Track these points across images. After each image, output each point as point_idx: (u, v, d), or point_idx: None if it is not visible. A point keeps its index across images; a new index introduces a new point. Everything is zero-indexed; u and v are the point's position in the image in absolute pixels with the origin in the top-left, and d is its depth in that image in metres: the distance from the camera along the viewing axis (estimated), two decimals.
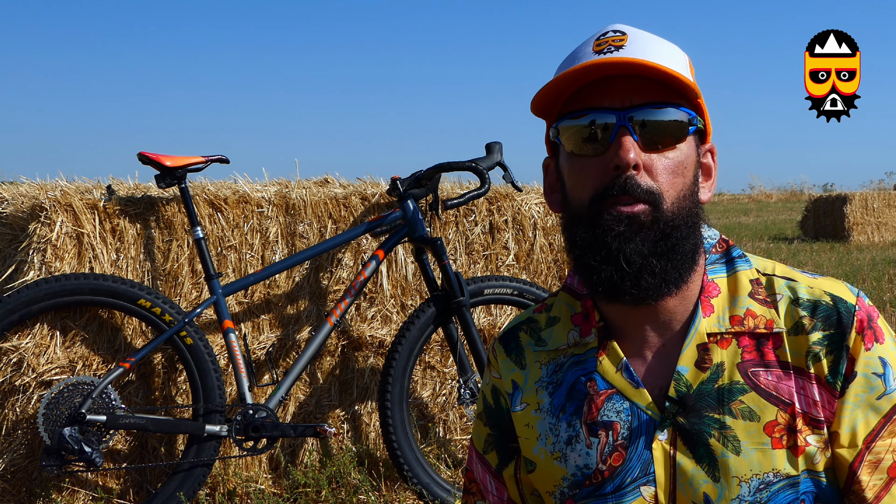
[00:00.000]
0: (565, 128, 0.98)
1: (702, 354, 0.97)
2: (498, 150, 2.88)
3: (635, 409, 0.98)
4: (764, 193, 28.17)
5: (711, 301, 0.99)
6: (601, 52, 0.96)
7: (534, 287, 2.91)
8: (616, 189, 0.93)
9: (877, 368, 0.95)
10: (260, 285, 2.86)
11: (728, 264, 1.02)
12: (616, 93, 0.95)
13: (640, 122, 0.94)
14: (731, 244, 1.05)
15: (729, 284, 1.01)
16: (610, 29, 0.99)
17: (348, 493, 2.72)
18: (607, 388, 1.00)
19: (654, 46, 0.97)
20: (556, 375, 1.05)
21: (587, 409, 1.01)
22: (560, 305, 1.09)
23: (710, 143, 1.04)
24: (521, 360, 1.10)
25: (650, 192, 0.94)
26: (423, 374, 3.09)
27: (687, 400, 0.96)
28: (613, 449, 0.98)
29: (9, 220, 2.67)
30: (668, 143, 0.96)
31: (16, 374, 2.54)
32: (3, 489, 2.57)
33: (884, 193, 13.15)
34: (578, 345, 1.04)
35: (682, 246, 0.96)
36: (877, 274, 7.82)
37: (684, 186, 0.97)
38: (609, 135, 0.94)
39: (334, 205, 2.98)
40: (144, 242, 2.73)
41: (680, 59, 0.99)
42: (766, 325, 0.97)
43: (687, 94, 0.97)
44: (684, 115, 0.96)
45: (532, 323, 1.11)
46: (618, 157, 0.93)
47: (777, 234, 13.75)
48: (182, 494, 2.48)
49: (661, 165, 0.95)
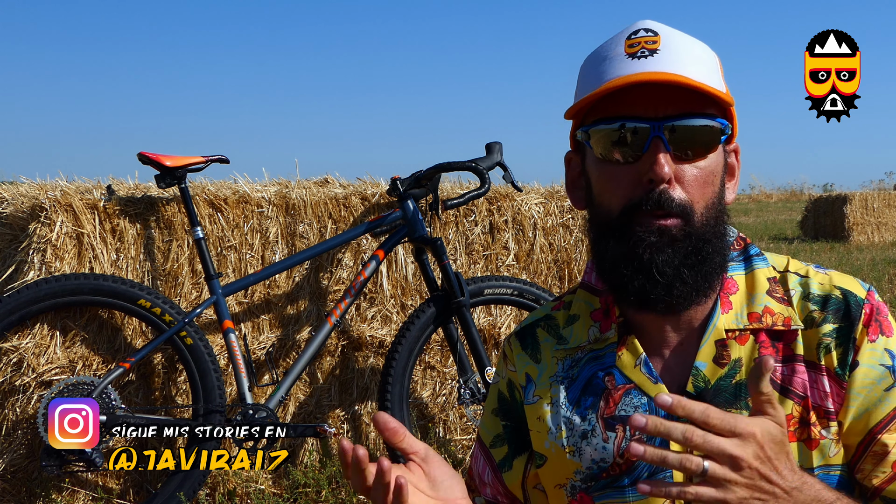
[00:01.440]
0: (596, 132, 0.98)
1: (720, 351, 0.98)
2: (498, 150, 2.88)
3: (653, 404, 0.99)
4: (764, 193, 28.17)
5: (730, 298, 1.00)
6: (634, 55, 0.95)
7: (534, 287, 2.91)
8: (651, 204, 0.94)
9: (884, 360, 0.95)
10: (260, 285, 2.86)
11: (746, 262, 1.03)
12: (650, 101, 0.95)
13: (673, 131, 0.94)
14: (749, 242, 1.06)
15: (747, 282, 1.02)
16: (641, 27, 0.98)
17: (348, 493, 2.72)
18: (625, 383, 1.01)
19: (687, 52, 0.96)
20: (573, 371, 1.06)
21: (604, 404, 1.02)
22: (579, 303, 1.10)
23: (734, 144, 1.04)
24: (536, 354, 1.10)
25: (682, 205, 0.94)
26: (423, 374, 3.09)
27: (705, 395, 0.97)
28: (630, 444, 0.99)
29: (9, 220, 2.67)
30: (699, 152, 0.96)
31: (16, 374, 2.54)
32: (3, 489, 2.57)
33: (884, 193, 13.15)
34: (599, 340, 1.05)
35: (713, 258, 0.97)
36: (877, 274, 7.82)
37: (713, 195, 0.98)
38: (642, 144, 0.94)
39: (334, 205, 2.98)
40: (144, 242, 2.73)
41: (712, 63, 0.99)
42: (784, 323, 0.98)
43: (720, 102, 0.97)
44: (716, 125, 0.96)
45: (550, 320, 1.12)
46: (653, 172, 0.93)
47: (777, 234, 13.75)
48: (182, 494, 2.48)
49: (692, 175, 0.96)
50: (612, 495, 1.00)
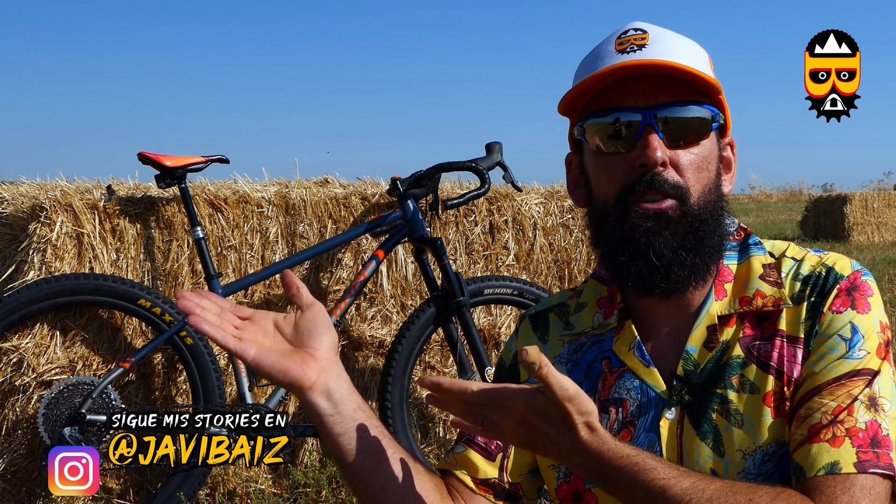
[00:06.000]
0: (590, 126, 1.00)
1: (710, 335, 0.99)
2: (498, 150, 2.88)
3: (645, 387, 1.01)
4: (764, 193, 28.18)
5: (725, 286, 1.02)
6: (624, 51, 0.98)
7: (534, 287, 2.91)
8: (643, 185, 0.96)
9: (844, 332, 0.95)
10: (260, 285, 2.86)
11: (743, 251, 1.04)
12: (640, 92, 0.97)
13: (665, 119, 0.96)
14: (750, 232, 1.07)
15: (742, 269, 1.03)
16: (631, 27, 1.01)
17: (348, 493, 2.72)
18: (620, 367, 1.03)
19: (675, 45, 0.99)
20: (577, 355, 1.08)
21: (601, 387, 1.04)
22: (589, 292, 1.12)
23: (729, 137, 1.06)
24: (545, 335, 1.13)
25: (677, 186, 0.96)
26: (423, 374, 3.09)
27: (692, 377, 0.98)
28: (622, 426, 1.01)
29: (9, 220, 2.67)
30: (691, 139, 0.98)
31: (16, 374, 2.54)
32: (3, 489, 2.57)
33: (884, 193, 13.16)
34: (601, 326, 1.07)
35: (709, 239, 0.98)
36: (877, 274, 7.83)
37: (709, 181, 0.99)
38: (634, 133, 0.96)
39: (334, 205, 2.98)
40: (144, 242, 2.73)
41: (700, 56, 1.01)
42: (774, 304, 0.98)
43: (709, 91, 0.99)
44: (707, 112, 0.99)
45: (563, 307, 1.14)
46: (645, 156, 0.95)
47: (777, 234, 13.75)
48: (182, 494, 2.48)
49: (686, 161, 0.97)
50: None
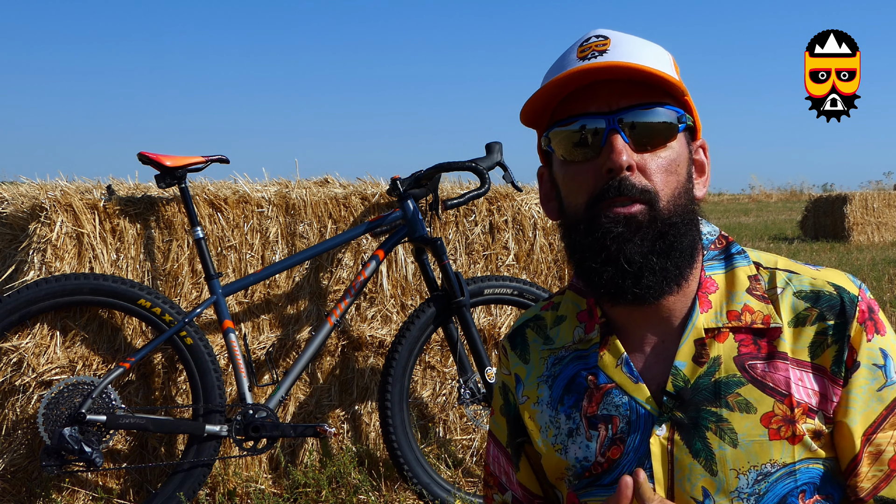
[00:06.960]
0: (555, 135, 0.99)
1: (699, 349, 0.98)
2: (498, 150, 2.88)
3: (634, 403, 0.99)
4: (764, 193, 28.19)
5: (709, 297, 1.00)
6: (585, 58, 0.97)
7: (534, 287, 2.91)
8: (612, 191, 0.94)
9: (877, 360, 0.96)
10: (260, 285, 2.86)
11: (726, 260, 1.03)
12: (603, 97, 0.96)
13: (630, 123, 0.95)
14: (731, 240, 1.05)
15: (726, 280, 1.01)
16: (592, 34, 1.00)
17: (348, 493, 2.72)
18: (607, 383, 1.01)
19: (637, 49, 0.98)
20: (555, 368, 1.07)
21: (587, 403, 1.02)
22: (567, 304, 1.11)
23: (700, 140, 1.05)
24: (525, 355, 1.11)
25: (646, 191, 0.94)
26: (423, 374, 3.09)
27: (684, 394, 0.97)
28: (612, 443, 1.00)
29: (9, 220, 2.67)
30: (658, 142, 0.96)
31: (16, 374, 2.54)
32: (3, 489, 2.57)
33: (884, 193, 13.16)
34: (583, 341, 1.06)
35: (680, 243, 0.96)
36: (877, 274, 7.82)
37: (679, 184, 0.97)
38: (600, 139, 0.95)
39: (334, 205, 2.98)
40: (144, 242, 2.73)
41: (664, 58, 0.99)
42: (763, 321, 0.97)
43: (673, 92, 0.98)
44: (672, 113, 0.97)
45: (539, 320, 1.13)
46: (610, 161, 0.94)
47: (777, 234, 13.75)
48: (182, 494, 2.48)
49: (654, 165, 0.96)
50: (596, 493, 1.01)
